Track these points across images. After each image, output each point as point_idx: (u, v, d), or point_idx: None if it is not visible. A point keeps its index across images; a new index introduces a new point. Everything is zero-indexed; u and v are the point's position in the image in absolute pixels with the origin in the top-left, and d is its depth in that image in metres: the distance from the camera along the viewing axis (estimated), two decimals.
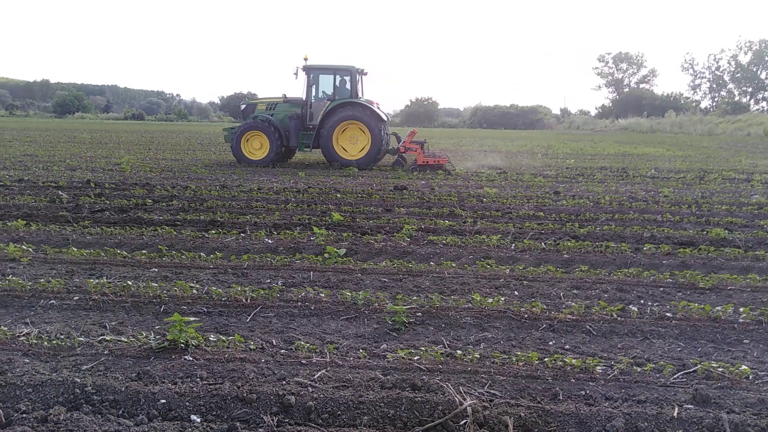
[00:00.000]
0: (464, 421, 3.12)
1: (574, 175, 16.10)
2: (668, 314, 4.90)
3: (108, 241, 7.05)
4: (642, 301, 5.27)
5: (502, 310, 4.90)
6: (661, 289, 5.65)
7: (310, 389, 3.41)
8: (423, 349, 4.00)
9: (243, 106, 18.02)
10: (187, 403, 3.23)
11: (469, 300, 5.05)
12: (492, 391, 3.49)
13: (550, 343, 4.34)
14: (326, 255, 6.36)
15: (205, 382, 3.49)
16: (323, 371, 3.68)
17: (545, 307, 4.94)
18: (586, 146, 32.59)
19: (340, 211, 9.22)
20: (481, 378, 3.66)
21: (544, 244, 7.28)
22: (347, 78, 16.50)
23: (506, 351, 4.14)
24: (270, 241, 7.23)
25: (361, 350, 4.06)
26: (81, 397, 3.26)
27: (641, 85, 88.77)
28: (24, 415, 3.06)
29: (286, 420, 3.15)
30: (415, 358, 3.91)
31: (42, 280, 5.27)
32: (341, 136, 16.36)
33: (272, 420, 3.10)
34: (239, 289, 5.11)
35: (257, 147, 16.55)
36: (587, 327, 4.62)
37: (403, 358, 3.90)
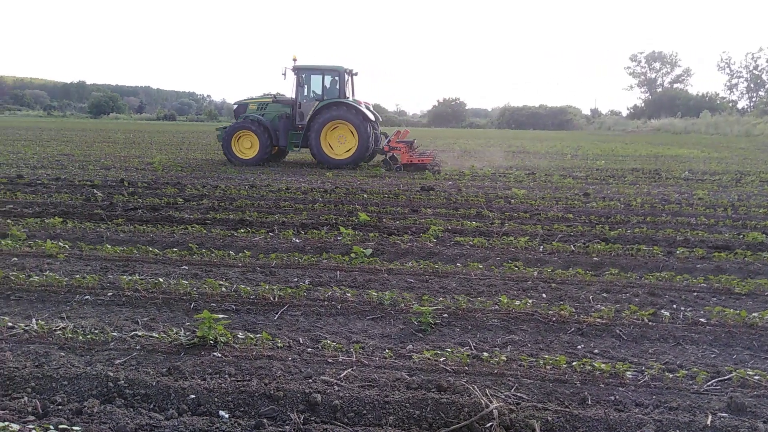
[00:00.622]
0: (490, 423, 3.10)
1: (605, 177, 15.83)
2: (702, 320, 4.78)
3: (140, 238, 7.21)
4: (674, 306, 5.15)
5: (530, 313, 4.85)
6: (695, 293, 5.51)
7: (336, 388, 3.43)
8: (449, 350, 3.99)
9: (235, 106, 18.22)
10: (216, 399, 3.29)
11: (496, 302, 5.01)
12: (519, 395, 3.46)
13: (579, 347, 4.28)
14: (353, 255, 6.39)
15: (233, 379, 3.54)
16: (349, 370, 3.70)
17: (574, 310, 4.87)
18: (618, 147, 32.00)
19: (366, 212, 9.25)
20: (507, 381, 3.63)
21: (573, 246, 7.17)
22: (336, 78, 16.61)
23: (533, 354, 4.09)
24: (297, 240, 7.29)
25: (386, 350, 4.07)
26: (114, 390, 3.34)
27: (675, 85, 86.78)
28: (60, 407, 3.15)
29: (312, 418, 3.17)
30: (441, 360, 3.90)
31: (77, 276, 5.42)
32: (330, 136, 16.48)
33: (299, 418, 3.13)
34: (267, 287, 5.17)
35: (248, 146, 16.74)
36: (617, 331, 4.54)
37: (428, 359, 3.90)
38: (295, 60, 16.50)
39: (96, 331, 4.19)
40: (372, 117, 16.41)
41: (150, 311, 4.79)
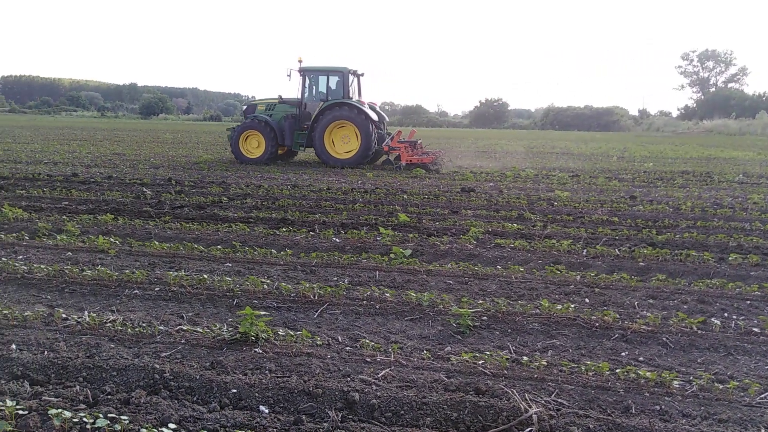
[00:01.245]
0: (529, 429, 3.05)
1: (653, 180, 15.35)
2: (755, 329, 4.58)
3: (186, 236, 7.42)
4: (726, 315, 4.95)
5: (572, 318, 4.75)
6: (748, 302, 5.28)
7: (374, 387, 3.44)
8: (488, 353, 3.95)
9: (244, 107, 18.75)
10: (256, 394, 3.35)
11: (536, 306, 4.93)
12: (559, 401, 3.39)
13: (623, 354, 4.17)
14: (392, 255, 6.40)
15: (274, 375, 3.60)
16: (387, 370, 3.71)
17: (618, 316, 4.74)
18: (667, 149, 30.98)
19: (406, 212, 9.25)
20: (547, 386, 3.57)
21: (618, 250, 6.98)
22: (339, 79, 16.82)
23: (575, 360, 4.01)
24: (338, 240, 7.36)
25: (425, 351, 4.06)
26: (160, 382, 3.45)
27: (729, 85, 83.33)
28: (109, 397, 3.28)
29: (350, 416, 3.20)
30: (480, 362, 3.86)
31: (127, 270, 5.63)
32: (334, 136, 16.74)
33: (336, 415, 3.16)
34: (307, 285, 5.24)
35: (255, 146, 17.17)
36: (664, 339, 4.40)
37: (467, 361, 3.87)
38: (300, 61, 16.87)
39: (143, 325, 4.34)
40: (375, 117, 16.62)
41: (194, 306, 4.93)
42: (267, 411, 3.23)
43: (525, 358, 3.90)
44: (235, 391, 3.37)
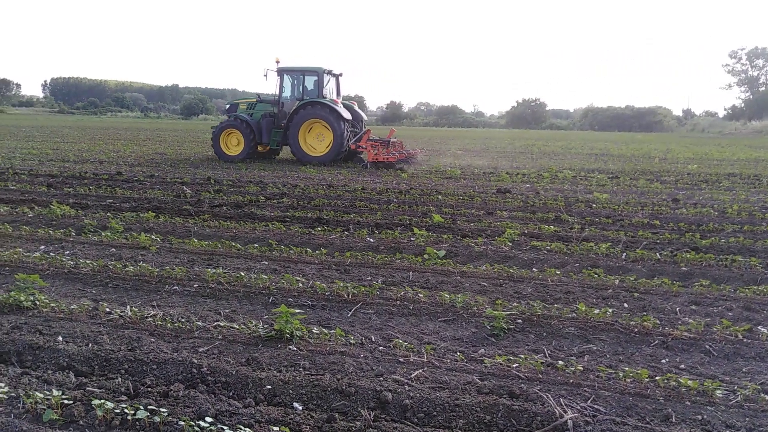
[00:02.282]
0: None
1: (697, 182, 14.87)
2: None
3: (224, 234, 7.57)
4: None
5: (610, 323, 4.64)
6: None
7: (407, 387, 3.45)
8: (522, 356, 3.90)
9: (227, 106, 19.41)
10: (290, 391, 3.40)
11: (573, 309, 4.84)
12: (596, 407, 3.32)
13: (663, 361, 4.05)
14: (426, 256, 6.38)
15: (308, 372, 3.64)
16: (420, 371, 3.71)
17: (658, 322, 4.61)
18: (712, 150, 29.96)
19: (440, 213, 9.22)
20: (583, 392, 3.50)
21: (660, 254, 6.79)
22: (315, 78, 17.32)
23: (612, 365, 3.92)
24: (372, 239, 7.39)
25: (458, 353, 4.04)
26: (197, 376, 3.53)
27: None
28: (149, 389, 3.38)
29: (383, 416, 3.20)
30: (514, 366, 3.82)
31: (167, 267, 5.78)
32: (309, 134, 17.27)
33: (369, 414, 3.17)
34: (342, 284, 5.27)
35: (235, 143, 17.79)
36: (707, 347, 4.25)
37: (501, 364, 3.83)
38: (278, 62, 17.41)
39: (182, 320, 4.45)
40: (348, 116, 16.98)
41: (231, 303, 5.02)
42: (301, 408, 3.27)
43: (560, 362, 3.83)
44: (269, 387, 3.42)
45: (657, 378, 3.61)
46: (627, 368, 3.74)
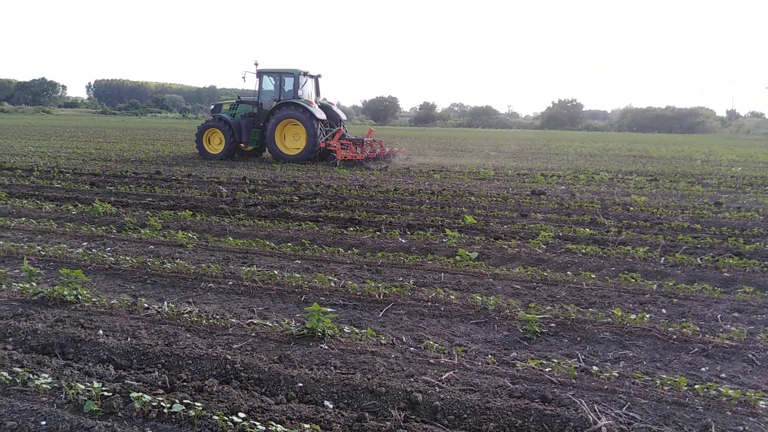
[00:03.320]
0: None
1: (741, 185, 14.37)
2: None
3: (259, 233, 7.69)
4: None
5: (647, 329, 4.53)
6: None
7: (437, 389, 3.43)
8: (555, 361, 3.83)
9: (212, 106, 20.33)
10: (322, 389, 3.43)
11: (608, 314, 4.74)
12: (631, 414, 3.25)
13: (703, 369, 3.93)
14: (458, 257, 6.35)
15: (338, 371, 3.67)
16: (451, 373, 3.69)
17: (698, 329, 4.48)
18: (758, 152, 28.88)
19: (473, 215, 9.15)
20: (619, 398, 3.42)
21: (700, 259, 6.59)
22: (290, 80, 17.93)
23: (649, 372, 3.82)
24: (403, 240, 7.39)
25: (489, 356, 4.01)
26: (231, 372, 3.60)
27: None
28: (184, 383, 3.46)
29: (413, 416, 3.20)
30: (547, 370, 3.76)
31: (203, 265, 5.90)
32: (286, 133, 17.94)
33: (399, 415, 3.17)
34: (373, 285, 5.29)
35: (217, 143, 18.62)
36: (749, 356, 4.11)
37: (533, 368, 3.78)
38: (256, 64, 18.16)
39: (217, 317, 4.54)
40: (321, 116, 17.50)
41: (265, 301, 5.10)
42: (331, 406, 3.30)
43: (595, 367, 3.76)
44: (301, 385, 3.46)
45: (696, 386, 3.51)
46: (665, 375, 3.65)
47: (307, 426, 2.95)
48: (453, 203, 10.52)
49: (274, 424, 2.91)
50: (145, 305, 4.74)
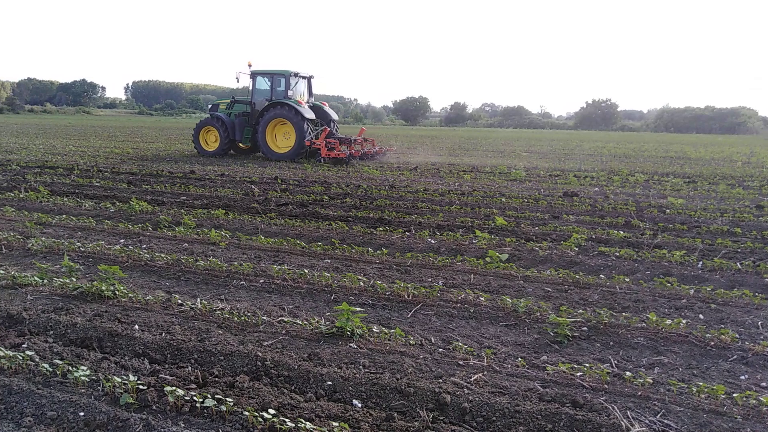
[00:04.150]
0: None
1: None
2: None
3: (290, 232, 7.77)
4: None
5: (683, 334, 4.41)
6: None
7: (466, 391, 3.42)
8: (587, 365, 3.77)
9: (209, 106, 21.07)
10: (350, 388, 3.45)
11: (643, 319, 4.64)
12: (666, 422, 3.17)
13: (742, 377, 3.81)
14: (488, 259, 6.29)
15: (367, 371, 3.68)
16: (480, 375, 3.66)
17: (737, 336, 4.34)
18: None
19: (504, 216, 9.06)
20: (653, 405, 3.35)
21: (740, 264, 6.38)
22: (282, 81, 18.43)
23: (685, 379, 3.72)
24: (433, 241, 7.36)
25: (519, 358, 3.96)
26: (261, 369, 3.65)
27: None
28: (216, 379, 3.52)
29: (441, 417, 3.19)
30: (578, 374, 3.70)
31: (235, 262, 6.00)
32: (277, 132, 18.51)
33: (428, 416, 3.17)
34: (402, 285, 5.29)
35: (213, 140, 19.40)
36: None
37: (564, 372, 3.72)
38: (250, 65, 18.80)
39: (249, 314, 4.60)
40: (309, 116, 17.98)
41: (295, 299, 5.15)
42: (360, 405, 3.31)
43: (628, 373, 3.68)
44: (330, 383, 3.49)
45: (735, 395, 3.40)
46: (701, 383, 3.55)
47: (335, 424, 2.97)
48: (483, 204, 10.44)
49: (303, 421, 2.94)
50: (179, 301, 4.84)
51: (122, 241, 7.07)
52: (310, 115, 18.04)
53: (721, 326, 4.56)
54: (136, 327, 4.28)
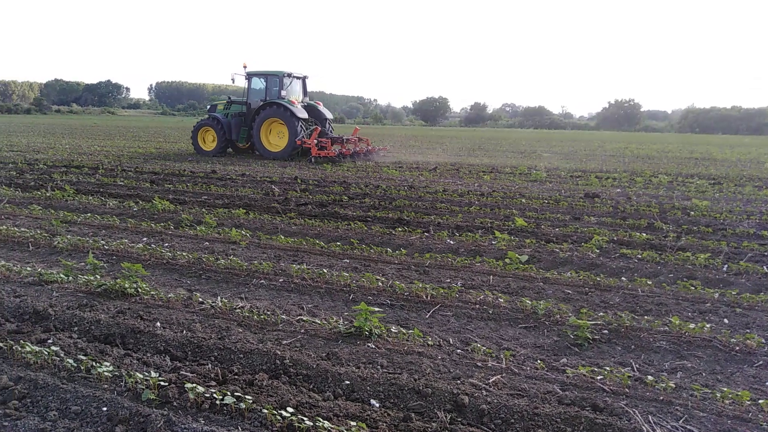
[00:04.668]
0: None
1: None
2: None
3: (309, 231, 7.82)
4: None
5: (707, 339, 4.33)
6: None
7: (484, 392, 3.40)
8: (608, 369, 3.72)
9: (208, 106, 21.52)
10: (368, 388, 3.45)
11: (665, 322, 4.56)
12: (689, 427, 3.11)
13: None
14: (507, 260, 6.25)
15: (385, 371, 3.69)
16: (498, 376, 3.64)
17: (763, 341, 4.24)
18: None
19: (524, 217, 8.99)
20: (675, 410, 3.29)
21: (767, 267, 6.24)
22: (276, 81, 18.90)
23: (709, 385, 3.65)
24: (452, 242, 7.34)
25: (538, 361, 3.93)
26: (280, 368, 3.68)
27: None
28: (236, 377, 3.56)
29: (459, 419, 3.18)
30: (598, 378, 3.65)
31: (255, 261, 6.05)
32: (272, 132, 18.95)
33: (445, 417, 3.16)
34: (420, 285, 5.28)
35: (211, 140, 19.80)
36: None
37: (584, 375, 3.68)
38: (245, 67, 19.34)
39: (268, 313, 4.64)
40: (302, 115, 18.38)
41: (314, 299, 5.18)
42: (378, 405, 3.32)
43: (650, 377, 3.62)
44: (348, 382, 3.50)
45: (760, 401, 3.33)
46: (725, 388, 3.48)
47: (353, 423, 2.98)
48: (503, 205, 10.37)
49: (321, 420, 2.95)
50: (200, 299, 4.90)
51: (145, 239, 7.18)
52: (302, 114, 18.49)
53: (746, 331, 4.47)
54: (158, 324, 4.34)
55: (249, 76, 19.43)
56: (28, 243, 6.75)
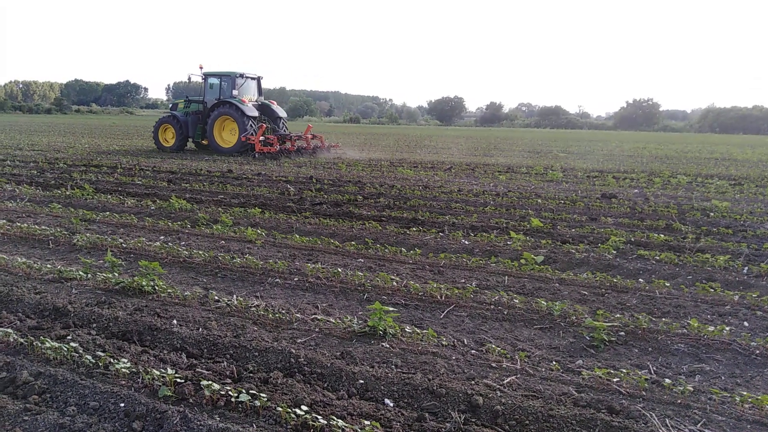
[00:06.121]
0: None
1: None
2: None
3: (324, 231, 7.84)
4: None
5: (726, 342, 4.26)
6: None
7: (499, 393, 3.38)
8: (624, 371, 3.68)
9: (170, 105, 22.84)
10: (382, 387, 3.46)
11: (683, 325, 4.50)
12: (707, 431, 3.07)
13: None
14: (522, 261, 6.21)
15: (399, 370, 3.69)
16: (513, 377, 3.62)
17: None
18: None
19: (539, 217, 8.93)
20: (693, 414, 3.24)
21: None
22: (229, 81, 19.91)
23: (728, 389, 3.60)
24: (466, 242, 7.31)
25: (554, 362, 3.90)
26: (295, 366, 3.70)
27: None
28: (251, 375, 3.58)
29: (473, 419, 3.17)
30: (615, 380, 3.62)
31: (270, 260, 6.09)
32: (225, 129, 20.00)
33: (459, 417, 3.15)
34: (435, 285, 5.27)
35: (170, 137, 20.90)
36: None
37: (600, 377, 3.65)
38: (201, 67, 20.37)
39: (283, 311, 4.67)
40: (252, 113, 19.38)
41: (328, 298, 5.20)
42: (392, 404, 3.32)
43: (667, 380, 3.58)
44: (362, 381, 3.50)
45: None
46: (745, 392, 3.42)
47: (367, 423, 2.98)
48: (518, 205, 10.31)
49: (335, 418, 2.96)
50: (216, 298, 4.94)
51: (162, 237, 7.26)
52: (252, 113, 19.46)
53: (767, 334, 4.39)
54: (175, 322, 4.39)
55: (206, 76, 20.49)
56: (49, 241, 6.86)
